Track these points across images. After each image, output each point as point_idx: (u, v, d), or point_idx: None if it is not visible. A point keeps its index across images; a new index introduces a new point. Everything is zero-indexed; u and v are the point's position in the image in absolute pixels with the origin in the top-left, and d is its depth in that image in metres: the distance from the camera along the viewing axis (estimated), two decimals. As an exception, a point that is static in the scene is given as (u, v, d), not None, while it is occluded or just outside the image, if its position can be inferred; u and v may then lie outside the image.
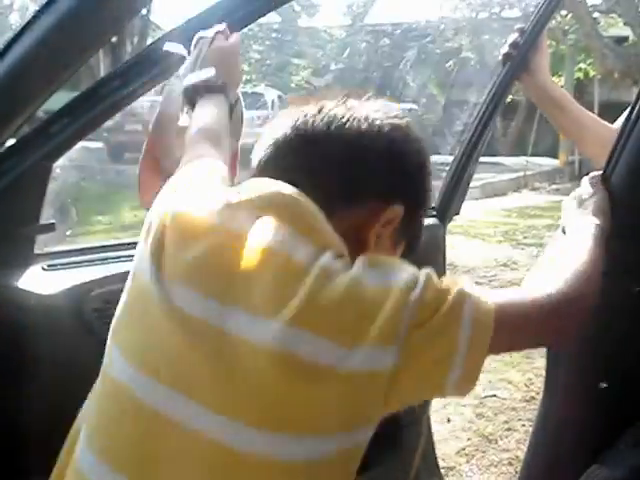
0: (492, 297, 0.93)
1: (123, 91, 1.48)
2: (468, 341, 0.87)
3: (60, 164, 1.60)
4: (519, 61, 1.84)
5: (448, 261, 7.58)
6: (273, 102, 17.42)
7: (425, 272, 0.92)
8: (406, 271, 0.91)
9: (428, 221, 2.19)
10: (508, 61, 1.87)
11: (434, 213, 2.25)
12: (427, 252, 2.17)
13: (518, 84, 1.96)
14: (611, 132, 1.86)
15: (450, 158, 2.34)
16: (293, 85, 22.26)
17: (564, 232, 1.24)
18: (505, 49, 1.85)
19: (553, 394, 1.35)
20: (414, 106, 17.12)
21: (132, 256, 1.82)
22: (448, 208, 2.26)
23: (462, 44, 18.82)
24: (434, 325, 0.87)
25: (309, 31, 23.36)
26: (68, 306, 1.61)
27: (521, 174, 16.89)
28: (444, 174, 2.31)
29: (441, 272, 2.26)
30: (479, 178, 15.39)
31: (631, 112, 1.30)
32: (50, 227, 1.60)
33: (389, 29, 20.43)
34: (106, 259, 1.78)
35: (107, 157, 14.94)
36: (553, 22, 17.87)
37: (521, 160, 18.91)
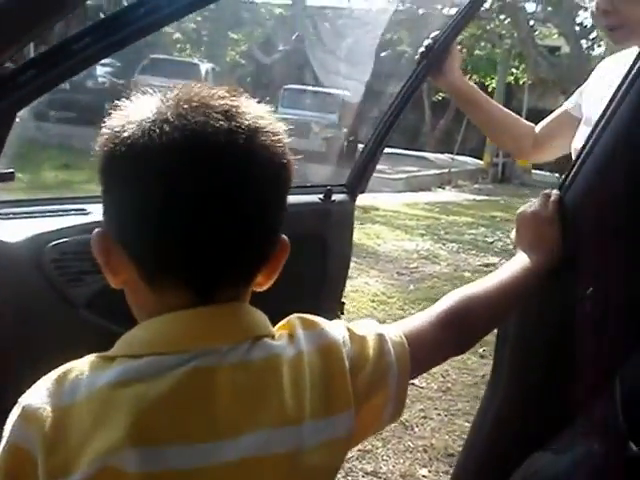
0: (398, 328, 0.99)
1: (92, 49, 1.50)
2: (397, 378, 0.94)
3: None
4: (431, 62, 2.09)
5: (371, 250, 7.65)
6: (207, 73, 17.26)
7: (342, 325, 0.96)
8: (335, 329, 0.94)
9: (339, 197, 2.38)
10: (423, 60, 2.11)
11: (345, 190, 2.43)
12: (338, 225, 2.39)
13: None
14: (521, 124, 2.15)
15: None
16: (228, 59, 22.04)
17: (514, 248, 1.27)
18: (421, 50, 2.10)
19: (499, 379, 1.39)
20: (347, 93, 17.19)
21: (80, 210, 1.86)
22: (357, 186, 2.45)
23: (400, 37, 18.97)
24: (368, 373, 0.92)
25: (247, 5, 23.08)
26: (29, 255, 1.64)
27: (446, 171, 17.19)
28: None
29: (349, 244, 2.43)
30: (404, 171, 15.61)
31: (592, 133, 1.33)
32: (10, 175, 1.61)
33: (330, 13, 20.41)
34: (55, 212, 1.79)
35: (30, 114, 14.52)
36: (491, 25, 18.22)
37: (447, 157, 19.26)
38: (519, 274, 1.18)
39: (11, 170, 1.62)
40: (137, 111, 0.84)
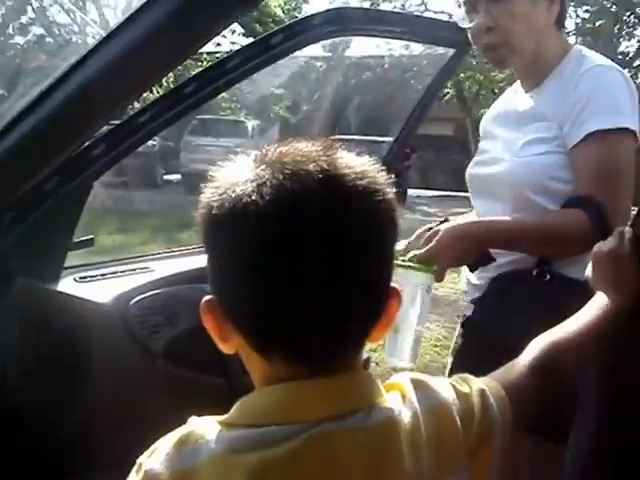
0: (496, 381, 0.99)
1: (152, 124, 1.72)
2: (501, 431, 0.94)
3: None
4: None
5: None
6: (253, 129, 17.51)
7: (447, 382, 0.96)
8: (442, 387, 0.94)
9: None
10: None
11: None
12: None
13: None
14: None
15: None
16: (271, 115, 22.32)
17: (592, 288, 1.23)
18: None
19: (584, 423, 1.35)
20: (391, 139, 17.14)
21: (144, 268, 1.99)
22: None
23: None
24: (476, 429, 0.92)
25: (289, 61, 23.34)
26: (117, 313, 1.80)
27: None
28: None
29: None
30: (455, 213, 15.42)
31: None
32: (89, 242, 1.73)
33: (370, 62, 20.56)
34: (124, 272, 1.96)
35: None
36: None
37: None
38: (601, 315, 1.15)
39: (91, 237, 1.76)
40: (229, 181, 0.82)
